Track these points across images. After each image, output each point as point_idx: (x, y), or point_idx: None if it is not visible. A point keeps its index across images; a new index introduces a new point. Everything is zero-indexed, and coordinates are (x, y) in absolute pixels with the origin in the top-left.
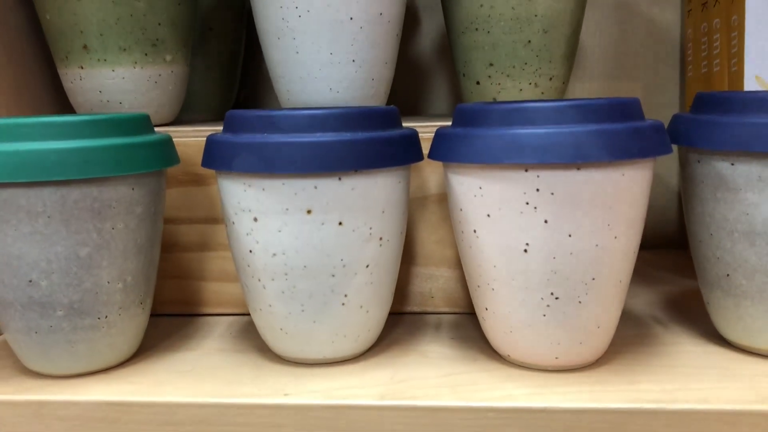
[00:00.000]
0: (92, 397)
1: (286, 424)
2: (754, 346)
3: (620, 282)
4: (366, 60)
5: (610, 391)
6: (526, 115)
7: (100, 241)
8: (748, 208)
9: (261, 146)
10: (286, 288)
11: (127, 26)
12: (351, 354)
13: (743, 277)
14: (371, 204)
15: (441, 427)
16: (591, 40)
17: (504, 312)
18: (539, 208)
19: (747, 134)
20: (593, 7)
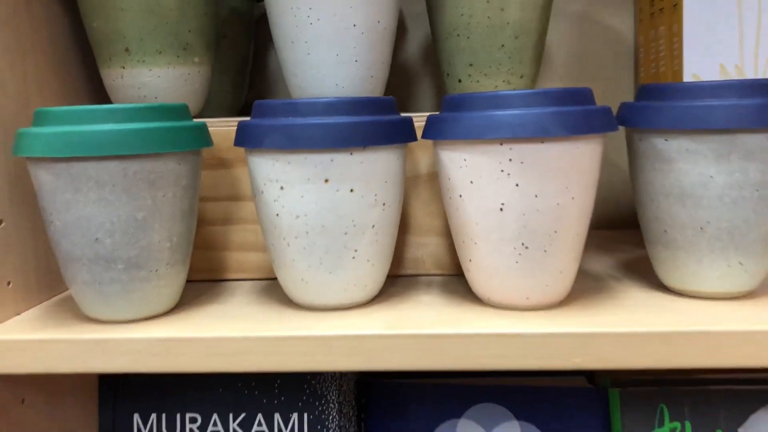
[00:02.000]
0: (148, 335)
1: (312, 353)
2: (687, 289)
3: (578, 235)
4: (366, 60)
5: (571, 321)
6: (501, 101)
7: (153, 206)
8: (679, 175)
9: (287, 127)
10: (306, 245)
11: (162, 33)
12: (360, 301)
13: (677, 233)
14: (376, 175)
15: (435, 350)
16: (558, 45)
17: (484, 262)
18: (512, 174)
19: (677, 115)
20: (559, 17)
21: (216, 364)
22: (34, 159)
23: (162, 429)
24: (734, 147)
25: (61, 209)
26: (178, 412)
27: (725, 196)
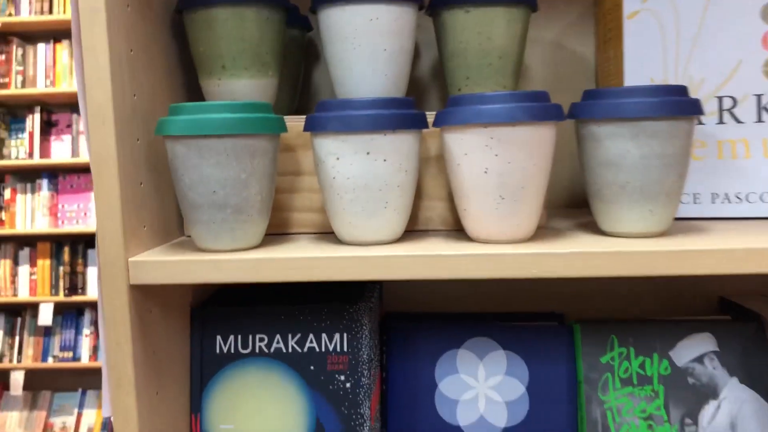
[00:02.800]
0: (248, 256)
1: (356, 266)
2: (616, 231)
3: (539, 189)
4: (392, 74)
5: (531, 247)
6: (485, 99)
7: (251, 169)
8: (607, 150)
9: (343, 117)
10: (353, 198)
11: (249, 54)
12: (389, 239)
13: (607, 190)
14: (402, 150)
15: (439, 265)
16: (536, 65)
17: (474, 209)
18: (492, 148)
19: (605, 109)
20: (537, 43)
21: (290, 275)
22: (171, 137)
23: (238, 347)
24: (642, 130)
25: (190, 170)
26: (250, 334)
27: (638, 164)
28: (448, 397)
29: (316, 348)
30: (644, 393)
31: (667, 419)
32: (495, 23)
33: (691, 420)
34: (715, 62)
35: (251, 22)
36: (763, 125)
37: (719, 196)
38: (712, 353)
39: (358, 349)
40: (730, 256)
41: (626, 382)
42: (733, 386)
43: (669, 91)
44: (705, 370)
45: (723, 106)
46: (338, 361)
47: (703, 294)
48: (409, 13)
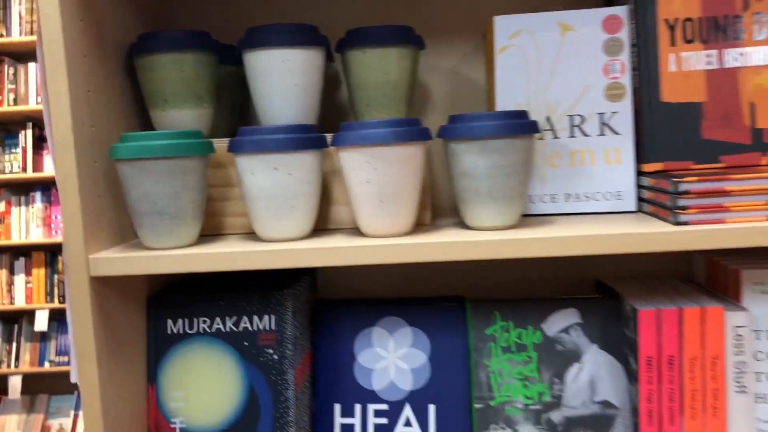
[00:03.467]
0: (183, 252)
1: (268, 258)
2: (475, 225)
3: (412, 196)
4: (303, 105)
5: (408, 239)
6: (366, 125)
7: (184, 184)
8: (463, 162)
9: (255, 140)
10: (266, 205)
11: (186, 89)
12: (298, 236)
13: (465, 193)
14: (304, 165)
15: (336, 254)
16: (436, 90)
17: (361, 211)
18: (371, 163)
19: (460, 130)
20: (437, 72)
21: (216, 266)
22: (120, 160)
23: (185, 328)
24: (486, 147)
25: (135, 186)
26: (195, 317)
27: (485, 173)
28: (364, 367)
29: (249, 327)
30: (521, 358)
31: (539, 379)
32: (388, 61)
33: (558, 379)
34: (568, 88)
35: (187, 65)
36: (604, 138)
37: (572, 195)
38: (577, 325)
39: (283, 327)
40: (552, 242)
41: (506, 350)
42: (593, 351)
43: (508, 116)
44: (570, 338)
45: (574, 123)
46: (267, 338)
47: (584, 278)
48: (315, 55)
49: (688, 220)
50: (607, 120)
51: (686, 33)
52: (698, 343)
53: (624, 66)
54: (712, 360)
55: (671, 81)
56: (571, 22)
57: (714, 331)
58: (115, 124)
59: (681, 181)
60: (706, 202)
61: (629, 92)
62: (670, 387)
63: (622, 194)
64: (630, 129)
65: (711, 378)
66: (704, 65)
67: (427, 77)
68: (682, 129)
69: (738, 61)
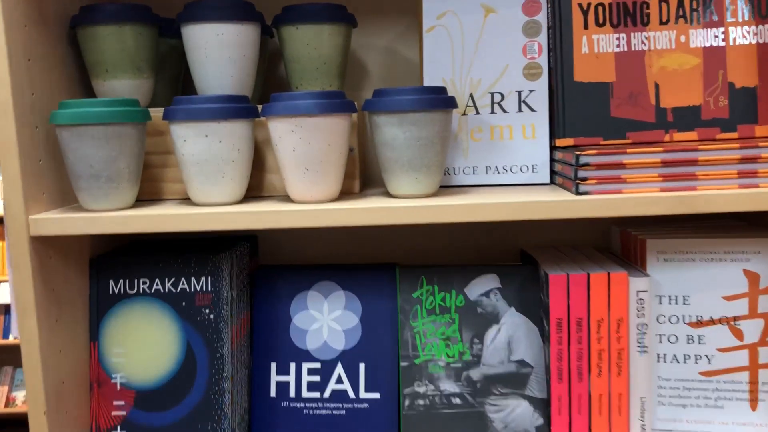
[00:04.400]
0: (119, 214)
1: (197, 221)
2: (396, 194)
3: (335, 165)
4: (237, 76)
5: (331, 205)
6: (293, 97)
7: (120, 149)
8: (384, 134)
9: (188, 109)
10: (198, 170)
11: (126, 61)
12: (230, 201)
13: (387, 163)
14: (234, 134)
15: (262, 218)
16: (371, 67)
17: (289, 179)
18: (296, 133)
19: (382, 104)
20: (372, 49)
21: (154, 227)
22: (60, 125)
23: (126, 288)
24: (405, 119)
25: (73, 150)
26: (135, 278)
27: (404, 144)
28: (300, 328)
29: (186, 288)
30: (444, 320)
31: (461, 339)
32: (319, 37)
33: (478, 340)
34: (490, 66)
35: (128, 36)
36: (522, 114)
37: (491, 168)
38: (496, 289)
39: (219, 288)
40: (461, 208)
41: (431, 312)
42: (511, 314)
43: (426, 91)
44: (490, 302)
45: (495, 100)
46: (204, 299)
47: (509, 247)
48: (250, 30)
49: (589, 190)
50: (525, 97)
51: (598, 17)
52: (604, 306)
53: (541, 47)
54: (617, 322)
55: (583, 62)
56: (494, 4)
57: (618, 295)
58: (57, 92)
59: (582, 154)
60: (605, 174)
61: (545, 72)
62: (578, 347)
63: (537, 167)
64: (545, 106)
65: (616, 339)
66: (614, 48)
67: (364, 55)
68: (592, 107)
69: (644, 45)
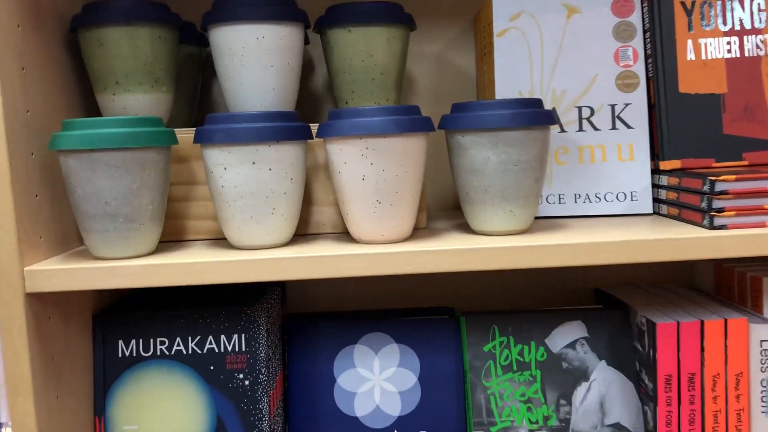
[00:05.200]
0: (142, 262)
1: (246, 269)
2: (483, 230)
3: (412, 195)
4: (280, 89)
5: (408, 246)
6: (361, 112)
7: (142, 180)
8: (471, 157)
9: (229, 129)
10: (242, 205)
11: (142, 70)
12: (278, 243)
13: (473, 192)
14: (286, 159)
15: (324, 264)
16: (421, 78)
17: (354, 213)
18: (368, 157)
19: (468, 120)
20: (422, 57)
21: (181, 279)
22: (64, 151)
23: (140, 350)
24: (500, 139)
25: (83, 182)
26: (151, 337)
27: (498, 169)
28: (346, 390)
29: (215, 349)
30: (523, 378)
31: (545, 401)
32: (376, 42)
33: (565, 401)
34: (575, 76)
35: (143, 40)
36: (617, 132)
37: (581, 196)
38: (583, 339)
39: (255, 348)
40: (578, 249)
41: (507, 368)
42: (601, 368)
43: (524, 104)
44: (577, 354)
45: (582, 115)
46: (237, 361)
47: (581, 286)
48: (294, 33)
49: (726, 224)
50: (620, 112)
51: (705, 18)
52: (721, 359)
53: (637, 53)
54: (736, 377)
55: (689, 70)
56: (578, 3)
57: (738, 345)
58: (55, 109)
59: (718, 180)
60: (746, 204)
61: (643, 82)
62: (690, 408)
63: (636, 195)
64: (644, 122)
65: (734, 397)
66: (725, 53)
67: (408, 63)
68: (701, 123)
69: (760, 50)
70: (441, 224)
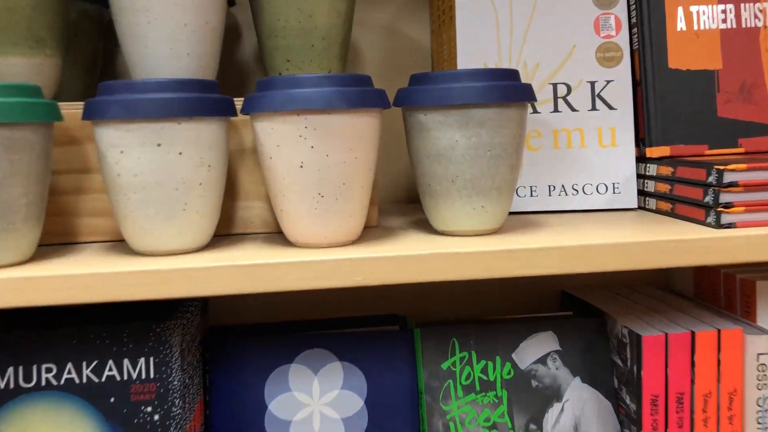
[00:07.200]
0: (12, 274)
1: (151, 283)
2: (447, 230)
3: (362, 187)
4: (197, 54)
5: (357, 251)
6: (298, 82)
7: (11, 168)
8: (435, 141)
9: (126, 101)
10: (144, 198)
11: (17, 28)
12: (192, 247)
13: (436, 184)
14: (202, 141)
15: (250, 277)
16: (368, 50)
17: (291, 210)
18: (308, 138)
19: (433, 96)
20: (368, 27)
21: (67, 296)
22: None
23: (19, 380)
24: (470, 118)
25: None
26: (34, 364)
27: (467, 155)
28: (279, 418)
29: (116, 376)
30: (487, 400)
31: (512, 426)
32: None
33: (535, 426)
34: (549, 47)
35: None
36: (597, 113)
37: (555, 188)
38: (555, 353)
39: (167, 374)
40: (568, 254)
41: (469, 389)
42: (575, 386)
43: (499, 75)
44: (548, 371)
45: (558, 94)
46: (144, 390)
47: (545, 289)
48: None
49: (734, 222)
50: (600, 90)
51: None
52: (713, 376)
53: (620, 22)
54: (729, 396)
55: (680, 42)
56: None
57: (732, 359)
58: None
59: (727, 169)
60: (757, 198)
61: (627, 55)
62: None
63: (619, 186)
64: (629, 102)
65: (727, 419)
66: (719, 23)
67: (353, 33)
68: (693, 104)
69: (758, 20)
70: (395, 222)
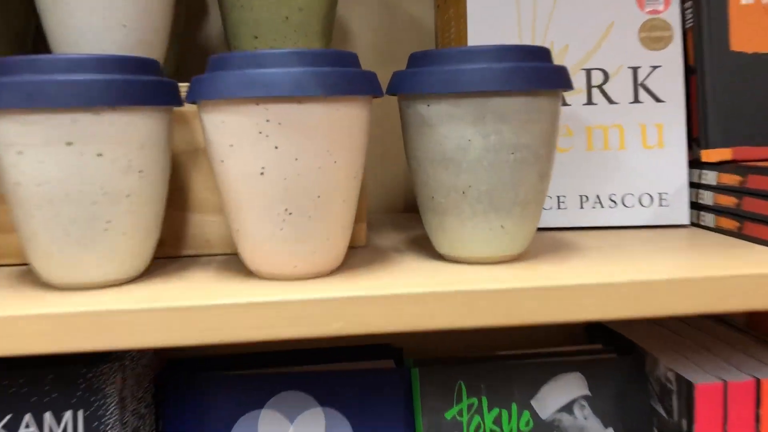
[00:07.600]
0: None
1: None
2: (456, 255)
3: (344, 201)
4: (137, 25)
5: (335, 287)
6: (260, 59)
7: None
8: (442, 140)
9: (24, 84)
10: (52, 215)
11: None
12: (117, 278)
13: (442, 197)
14: (132, 139)
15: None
16: (362, 29)
17: (249, 230)
18: (270, 136)
19: (438, 80)
20: (361, 3)
21: None
22: None
23: None
24: (488, 110)
25: None
26: None
27: (484, 159)
28: None
29: None
30: None
31: None
32: None
33: None
34: (582, 25)
35: None
36: (640, 106)
37: (589, 199)
38: (583, 398)
39: (101, 430)
40: (618, 293)
41: None
42: None
43: (526, 54)
44: (575, 421)
45: (592, 82)
46: None
47: None
48: None
49: None
50: (644, 78)
51: None
52: None
53: None
54: None
55: (744, 19)
56: None
57: None
58: None
59: None
60: None
61: (678, 35)
62: None
63: (667, 198)
64: (680, 93)
65: None
66: None
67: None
68: (760, 96)
69: None
70: (389, 239)
